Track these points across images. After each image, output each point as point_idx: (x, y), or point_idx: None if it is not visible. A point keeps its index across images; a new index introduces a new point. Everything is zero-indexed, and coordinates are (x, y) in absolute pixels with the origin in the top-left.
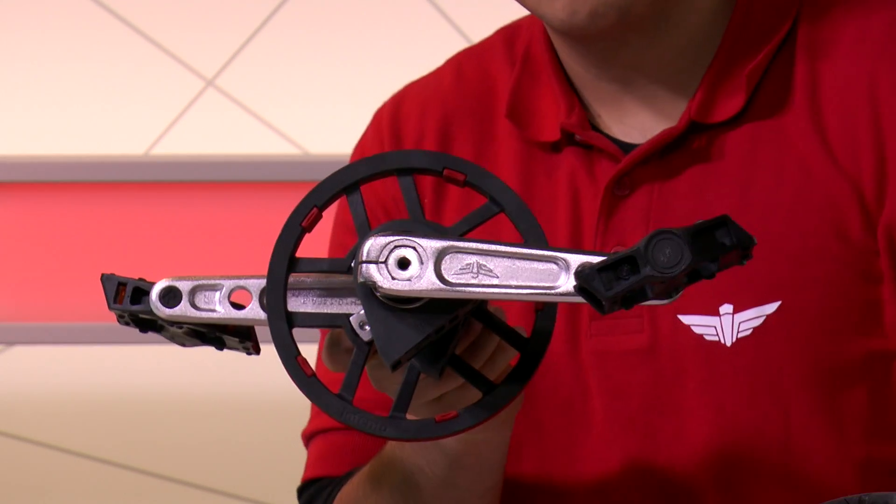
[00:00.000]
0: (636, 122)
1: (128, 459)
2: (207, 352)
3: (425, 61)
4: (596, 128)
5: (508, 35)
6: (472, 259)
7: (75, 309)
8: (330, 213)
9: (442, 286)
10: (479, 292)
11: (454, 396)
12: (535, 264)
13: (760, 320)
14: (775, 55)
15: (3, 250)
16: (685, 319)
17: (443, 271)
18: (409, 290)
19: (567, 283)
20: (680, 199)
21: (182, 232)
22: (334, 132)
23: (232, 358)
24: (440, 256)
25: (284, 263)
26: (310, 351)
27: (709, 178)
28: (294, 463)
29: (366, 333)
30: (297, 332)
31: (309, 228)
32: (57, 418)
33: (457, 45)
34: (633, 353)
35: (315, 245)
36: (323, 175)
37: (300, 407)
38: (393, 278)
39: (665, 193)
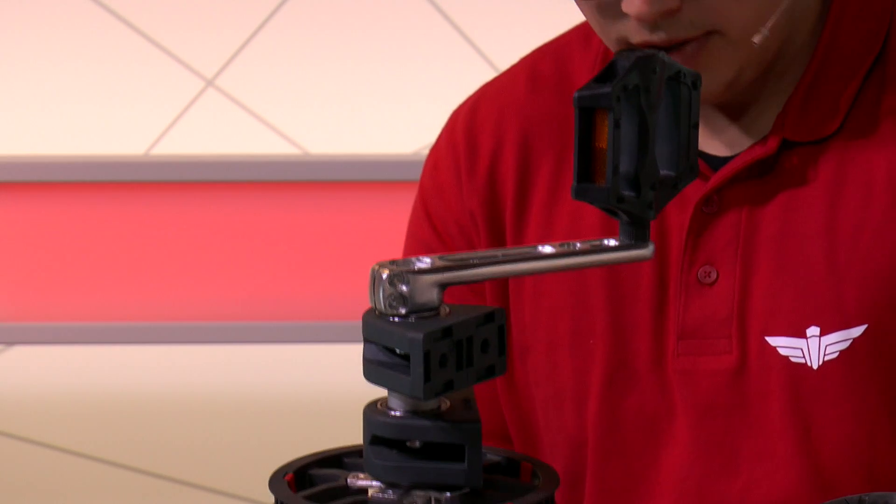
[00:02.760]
0: (724, 135)
1: (128, 459)
2: (207, 351)
3: (425, 61)
4: None
5: (585, 33)
6: None
7: (75, 309)
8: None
9: None
10: None
11: None
12: None
13: (847, 343)
14: (868, 74)
15: (3, 250)
16: (772, 341)
17: None
18: None
19: None
20: (769, 216)
21: (182, 232)
22: (334, 132)
23: (232, 358)
24: None
25: None
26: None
27: (798, 196)
28: None
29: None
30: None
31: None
32: (57, 418)
33: (457, 45)
34: (721, 373)
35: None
36: (322, 175)
37: (300, 407)
38: None
39: (754, 212)
